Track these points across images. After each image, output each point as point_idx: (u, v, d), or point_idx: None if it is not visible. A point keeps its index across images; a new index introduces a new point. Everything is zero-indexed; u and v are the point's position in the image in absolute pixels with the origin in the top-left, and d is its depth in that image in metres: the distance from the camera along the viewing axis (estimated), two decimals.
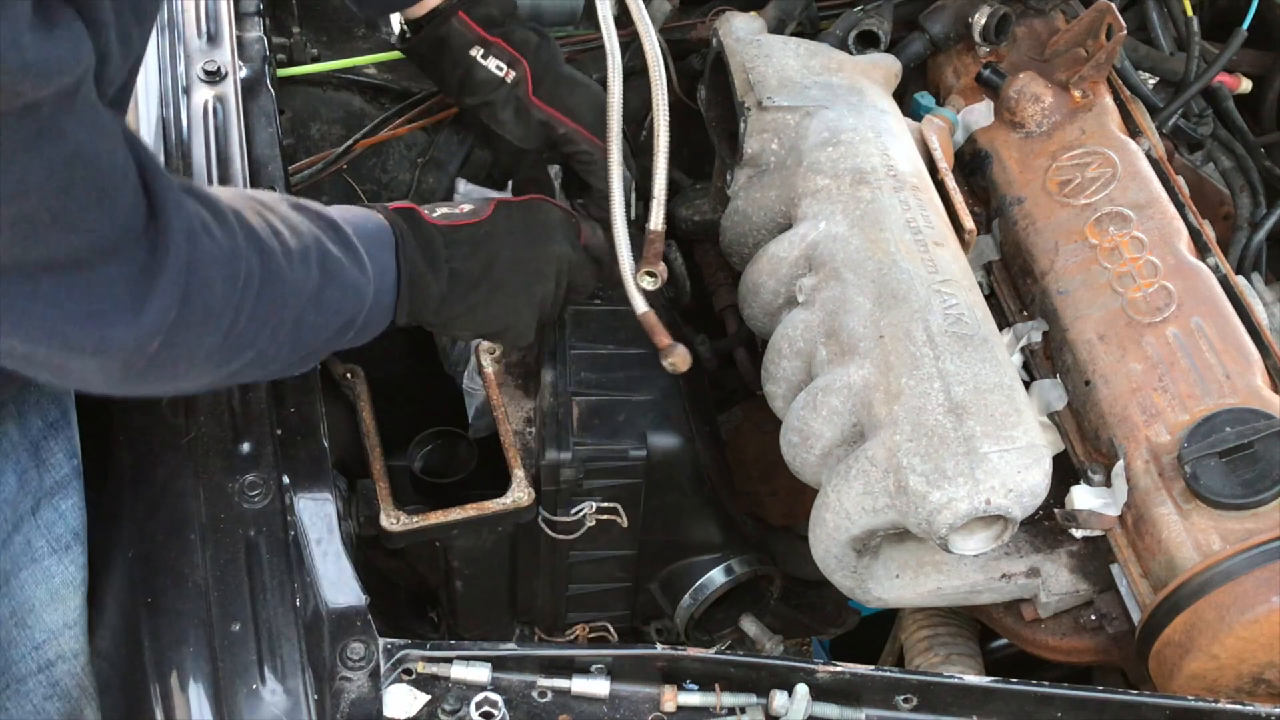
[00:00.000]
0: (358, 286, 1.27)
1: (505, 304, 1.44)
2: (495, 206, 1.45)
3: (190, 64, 1.59)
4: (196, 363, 1.13)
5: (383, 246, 1.33)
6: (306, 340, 1.24)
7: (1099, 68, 1.69)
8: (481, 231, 1.42)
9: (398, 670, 1.20)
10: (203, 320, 1.09)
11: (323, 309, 1.23)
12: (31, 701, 1.34)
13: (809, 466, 1.43)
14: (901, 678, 1.24)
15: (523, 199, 1.50)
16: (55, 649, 1.33)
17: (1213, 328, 1.46)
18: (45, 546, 1.33)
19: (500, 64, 1.62)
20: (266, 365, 1.23)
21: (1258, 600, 1.27)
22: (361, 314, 1.29)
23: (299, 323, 1.20)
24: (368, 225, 1.34)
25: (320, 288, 1.21)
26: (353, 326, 1.29)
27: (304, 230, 1.21)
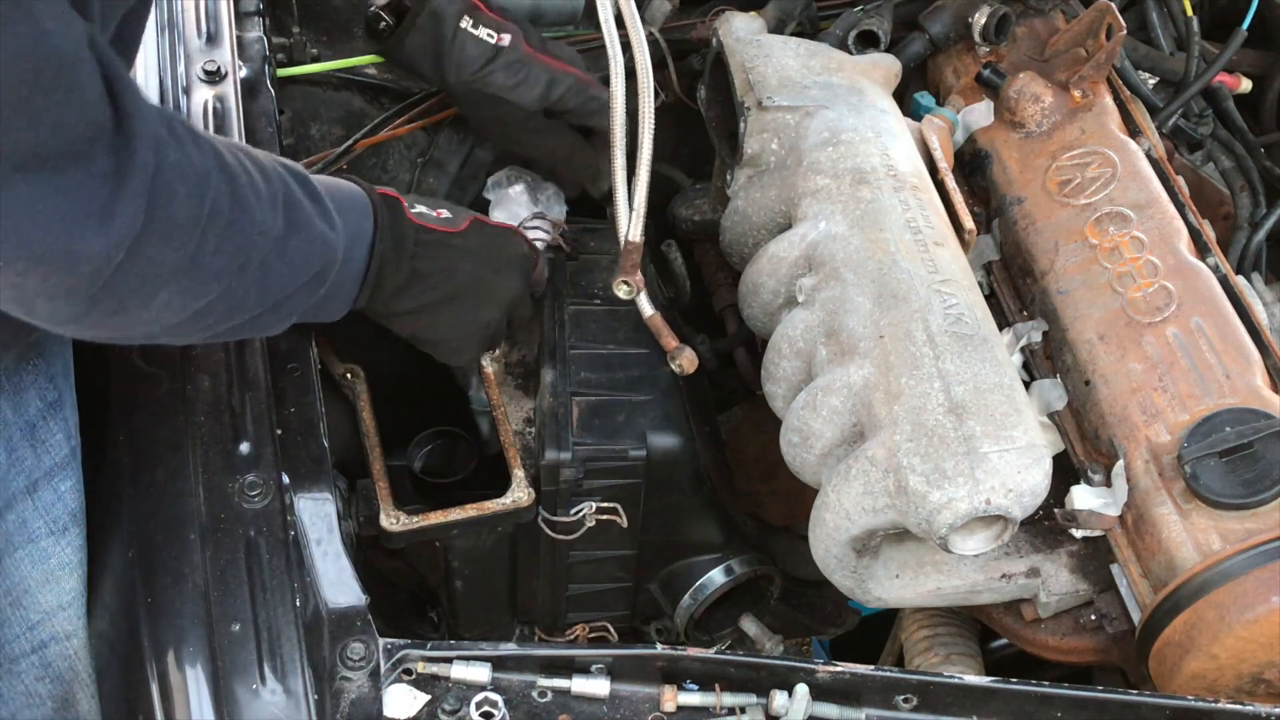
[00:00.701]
0: (326, 239, 1.26)
1: (451, 317, 1.45)
2: (471, 223, 1.47)
3: (190, 64, 1.59)
4: (161, 285, 1.10)
5: (359, 212, 1.34)
6: (273, 287, 1.22)
7: (1099, 68, 1.69)
8: (451, 242, 1.43)
9: (398, 670, 1.20)
10: (166, 234, 1.07)
11: (288, 256, 1.21)
12: (24, 682, 1.35)
13: (809, 466, 1.43)
14: (901, 678, 1.24)
15: (497, 224, 1.53)
16: (49, 630, 1.34)
17: (1213, 328, 1.46)
18: (43, 527, 1.33)
19: (490, 31, 1.62)
20: (234, 310, 1.20)
21: (1258, 600, 1.27)
22: (333, 269, 1.28)
23: (265, 266, 1.19)
24: (344, 189, 1.34)
25: (285, 234, 1.20)
26: (322, 282, 1.28)
27: (272, 175, 1.20)
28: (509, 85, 1.63)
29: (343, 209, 1.30)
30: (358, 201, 1.35)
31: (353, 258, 1.32)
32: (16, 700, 1.35)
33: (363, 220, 1.34)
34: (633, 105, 1.62)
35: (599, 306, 1.67)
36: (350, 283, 1.34)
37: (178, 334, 1.21)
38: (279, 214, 1.19)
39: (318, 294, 1.28)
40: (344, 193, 1.34)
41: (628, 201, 1.57)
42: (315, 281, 1.26)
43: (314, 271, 1.26)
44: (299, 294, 1.26)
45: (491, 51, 1.61)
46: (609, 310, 1.66)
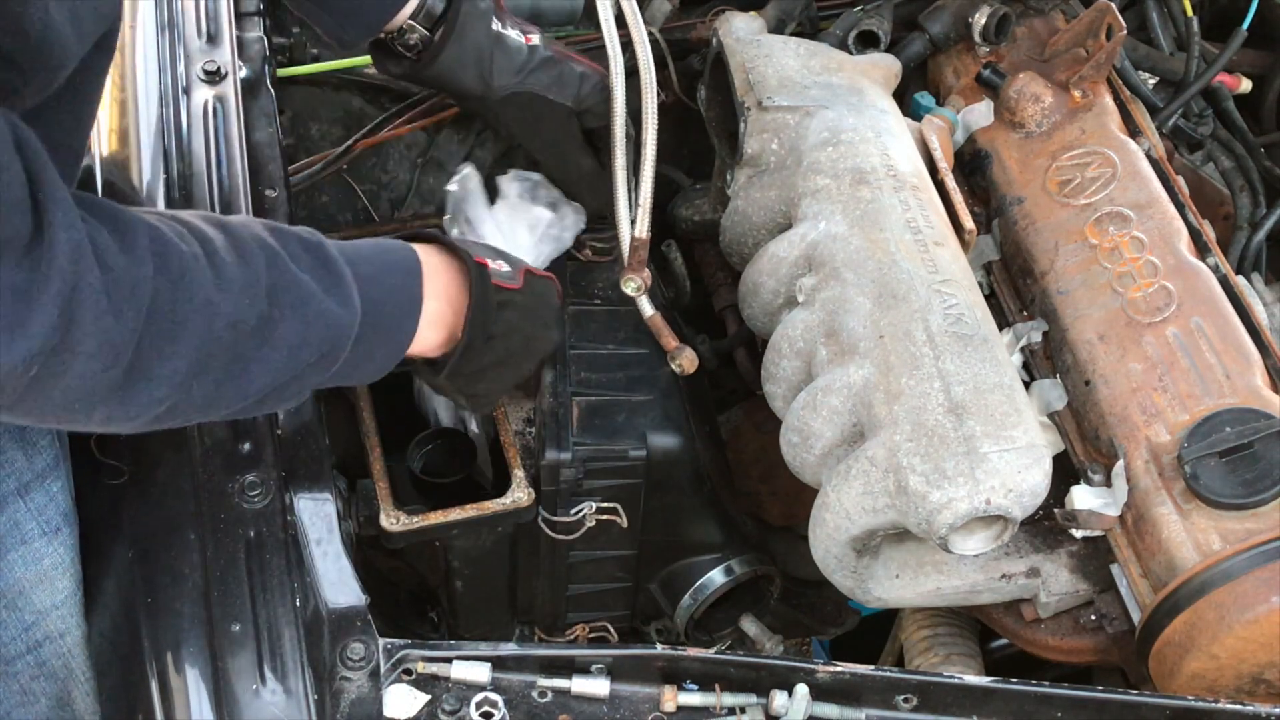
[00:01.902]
0: (329, 318, 1.16)
1: (498, 376, 1.40)
2: (525, 275, 1.40)
3: (190, 64, 1.59)
4: (96, 396, 1.03)
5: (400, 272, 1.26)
6: (260, 376, 1.13)
7: (1099, 68, 1.69)
8: (515, 300, 1.37)
9: (398, 670, 1.20)
10: (91, 352, 0.99)
11: (277, 342, 1.12)
12: (19, 682, 1.35)
13: (809, 466, 1.43)
14: (901, 678, 1.24)
15: (541, 273, 1.45)
16: (43, 630, 1.34)
17: (1213, 328, 1.46)
18: (36, 529, 1.33)
19: (517, 30, 1.56)
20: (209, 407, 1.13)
21: (1258, 600, 1.27)
22: (345, 345, 1.19)
23: (240, 360, 1.10)
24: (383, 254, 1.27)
25: (267, 321, 1.11)
26: (334, 360, 1.19)
27: (253, 254, 1.11)
28: (549, 83, 1.57)
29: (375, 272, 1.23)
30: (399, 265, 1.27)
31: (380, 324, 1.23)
32: (12, 700, 1.35)
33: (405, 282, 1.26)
34: (634, 104, 1.62)
35: (599, 306, 1.67)
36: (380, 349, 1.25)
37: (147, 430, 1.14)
38: (258, 300, 1.10)
39: (331, 368, 1.20)
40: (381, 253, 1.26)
41: (634, 198, 1.57)
42: (326, 359, 1.18)
43: (320, 350, 1.17)
44: (306, 373, 1.17)
45: (527, 51, 1.56)
46: (609, 310, 1.66)
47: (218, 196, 1.47)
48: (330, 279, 1.17)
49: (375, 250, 1.27)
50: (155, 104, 1.55)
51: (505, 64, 1.55)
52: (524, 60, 1.56)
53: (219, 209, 1.45)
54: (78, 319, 0.98)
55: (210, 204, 1.46)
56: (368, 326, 1.20)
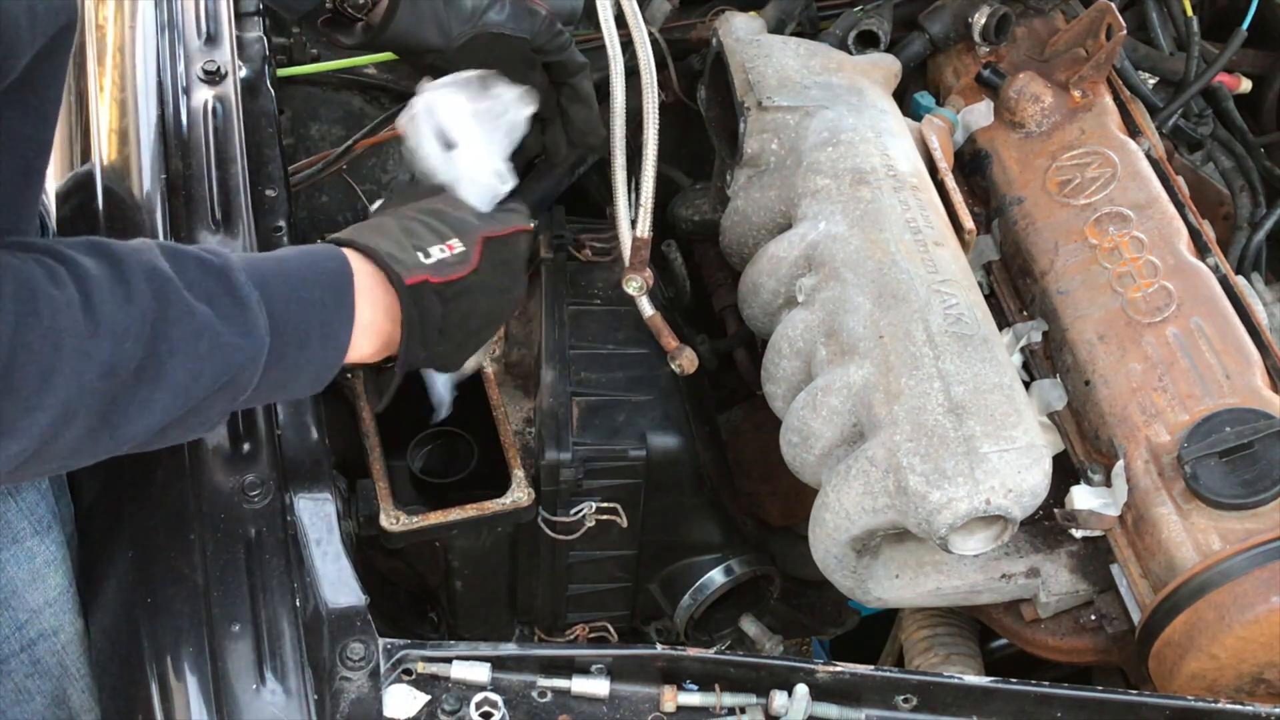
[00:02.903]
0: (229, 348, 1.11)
1: (462, 349, 1.36)
2: (481, 249, 1.32)
3: (190, 64, 1.59)
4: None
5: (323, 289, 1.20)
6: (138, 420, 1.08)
7: (1099, 68, 1.69)
8: (469, 283, 1.30)
9: (398, 670, 1.20)
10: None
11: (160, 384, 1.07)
12: (14, 680, 1.35)
13: (809, 466, 1.43)
14: (901, 678, 1.24)
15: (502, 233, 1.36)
16: (37, 628, 1.34)
17: (1213, 328, 1.46)
18: (28, 528, 1.33)
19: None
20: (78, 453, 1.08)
21: (1257, 600, 1.27)
22: (252, 372, 1.13)
23: (114, 405, 1.05)
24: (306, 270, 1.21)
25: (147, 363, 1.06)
26: (240, 387, 1.13)
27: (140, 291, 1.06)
28: (504, 19, 1.53)
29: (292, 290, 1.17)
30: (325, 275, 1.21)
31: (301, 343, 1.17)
32: (7, 698, 1.36)
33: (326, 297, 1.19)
34: (634, 104, 1.62)
35: (599, 306, 1.67)
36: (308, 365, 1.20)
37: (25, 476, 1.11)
38: (140, 342, 1.05)
39: (242, 394, 1.15)
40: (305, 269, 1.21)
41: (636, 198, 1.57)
42: (231, 387, 1.13)
43: (220, 380, 1.11)
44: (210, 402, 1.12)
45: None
46: (609, 310, 1.66)
47: (218, 196, 1.46)
48: (231, 306, 1.12)
49: (301, 263, 1.21)
50: (155, 104, 1.55)
51: (459, 8, 1.52)
52: (475, 2, 1.53)
53: (219, 209, 1.45)
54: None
55: (210, 204, 1.46)
56: (287, 346, 1.15)
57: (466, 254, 1.30)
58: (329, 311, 1.20)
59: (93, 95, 1.62)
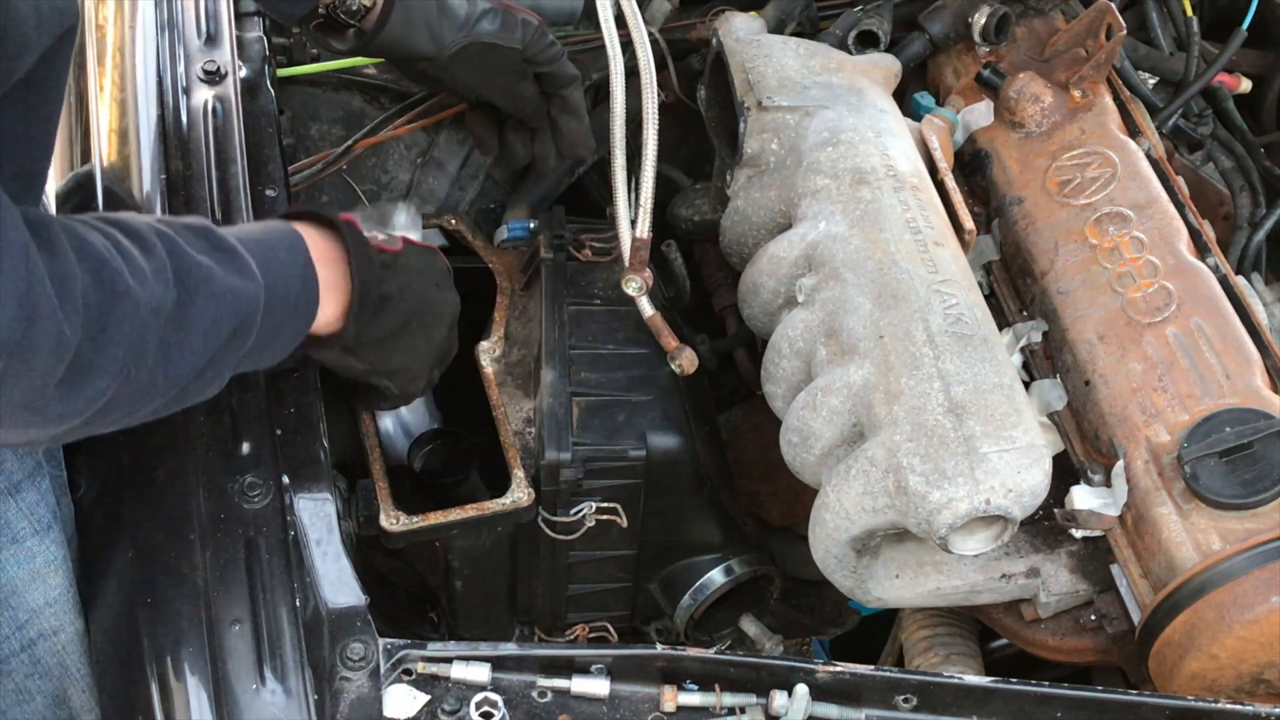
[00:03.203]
0: (237, 292, 1.17)
1: (410, 342, 1.40)
2: (403, 240, 1.42)
3: (190, 64, 1.59)
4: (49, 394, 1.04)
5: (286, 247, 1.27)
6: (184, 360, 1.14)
7: (1099, 68, 1.69)
8: (399, 262, 1.38)
9: (398, 670, 1.20)
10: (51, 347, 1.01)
11: (193, 324, 1.13)
12: (14, 680, 1.35)
13: (809, 466, 1.43)
14: (901, 678, 1.24)
15: (421, 244, 1.47)
16: (37, 627, 1.34)
17: (1213, 328, 1.46)
18: (27, 527, 1.33)
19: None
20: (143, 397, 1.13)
21: (1257, 600, 1.27)
22: (255, 319, 1.19)
23: (165, 345, 1.11)
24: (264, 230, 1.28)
25: (181, 303, 1.12)
26: (247, 333, 1.19)
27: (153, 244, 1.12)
28: (495, 30, 1.57)
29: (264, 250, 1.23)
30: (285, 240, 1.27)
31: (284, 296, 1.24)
32: (8, 698, 1.36)
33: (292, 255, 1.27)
34: (634, 104, 1.62)
35: (599, 306, 1.67)
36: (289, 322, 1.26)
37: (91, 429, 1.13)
38: (169, 285, 1.11)
39: (245, 346, 1.20)
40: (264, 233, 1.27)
41: (635, 198, 1.58)
42: (238, 336, 1.18)
43: (233, 326, 1.17)
44: (223, 354, 1.18)
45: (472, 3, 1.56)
46: (609, 310, 1.66)
47: (218, 196, 1.47)
48: (226, 257, 1.18)
49: (260, 229, 1.28)
50: (155, 104, 1.55)
51: (457, 22, 1.56)
52: (468, 11, 1.56)
53: (219, 209, 1.46)
54: (35, 316, 0.99)
55: (210, 204, 1.46)
56: (273, 299, 1.22)
57: (391, 241, 1.40)
58: (297, 268, 1.26)
59: (93, 95, 1.62)
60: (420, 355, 1.43)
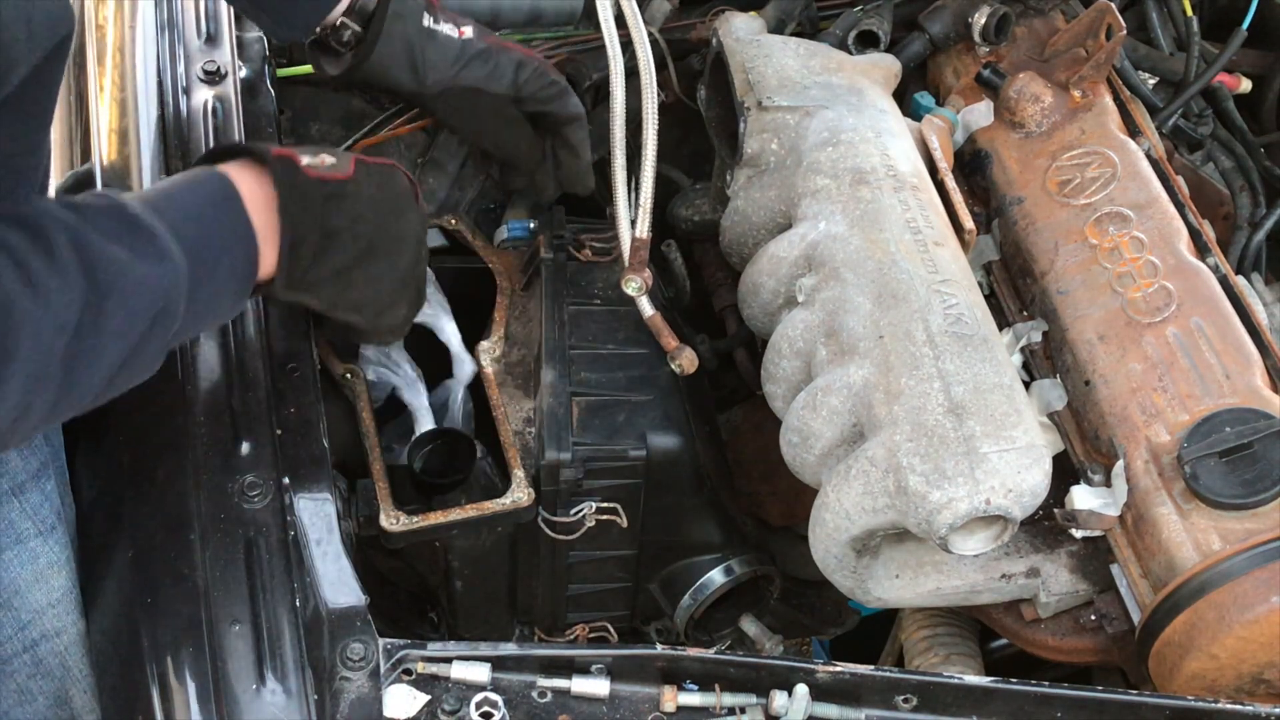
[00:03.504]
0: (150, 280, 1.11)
1: (371, 273, 1.32)
2: (356, 164, 1.32)
3: (190, 64, 1.59)
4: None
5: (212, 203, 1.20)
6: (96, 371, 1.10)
7: (1099, 68, 1.69)
8: (347, 190, 1.29)
9: (398, 670, 1.20)
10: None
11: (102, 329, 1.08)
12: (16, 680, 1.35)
13: (809, 466, 1.43)
14: (901, 678, 1.24)
15: (377, 161, 1.37)
16: (40, 628, 1.34)
17: (1213, 328, 1.46)
18: (31, 528, 1.33)
19: (450, 25, 1.55)
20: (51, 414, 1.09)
21: (1257, 600, 1.27)
22: (179, 297, 1.14)
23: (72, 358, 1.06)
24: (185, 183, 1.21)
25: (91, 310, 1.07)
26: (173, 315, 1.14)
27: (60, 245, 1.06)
28: (483, 75, 1.57)
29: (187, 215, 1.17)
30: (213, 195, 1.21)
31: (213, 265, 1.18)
32: (10, 698, 1.36)
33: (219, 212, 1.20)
34: (634, 104, 1.62)
35: (599, 306, 1.67)
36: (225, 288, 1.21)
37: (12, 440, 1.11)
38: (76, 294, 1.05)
39: (172, 327, 1.15)
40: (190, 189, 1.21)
41: (635, 198, 1.58)
42: (160, 322, 1.13)
43: (150, 316, 1.12)
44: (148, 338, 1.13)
45: (460, 45, 1.55)
46: (609, 310, 1.66)
47: None
48: (140, 239, 1.12)
49: (184, 187, 1.21)
50: (155, 104, 1.55)
51: (437, 59, 1.55)
52: (456, 54, 1.55)
53: None
54: None
55: None
56: (202, 269, 1.16)
57: (340, 165, 1.30)
58: (228, 224, 1.20)
59: (93, 95, 1.62)
60: (386, 285, 1.34)
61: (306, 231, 1.25)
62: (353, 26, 1.52)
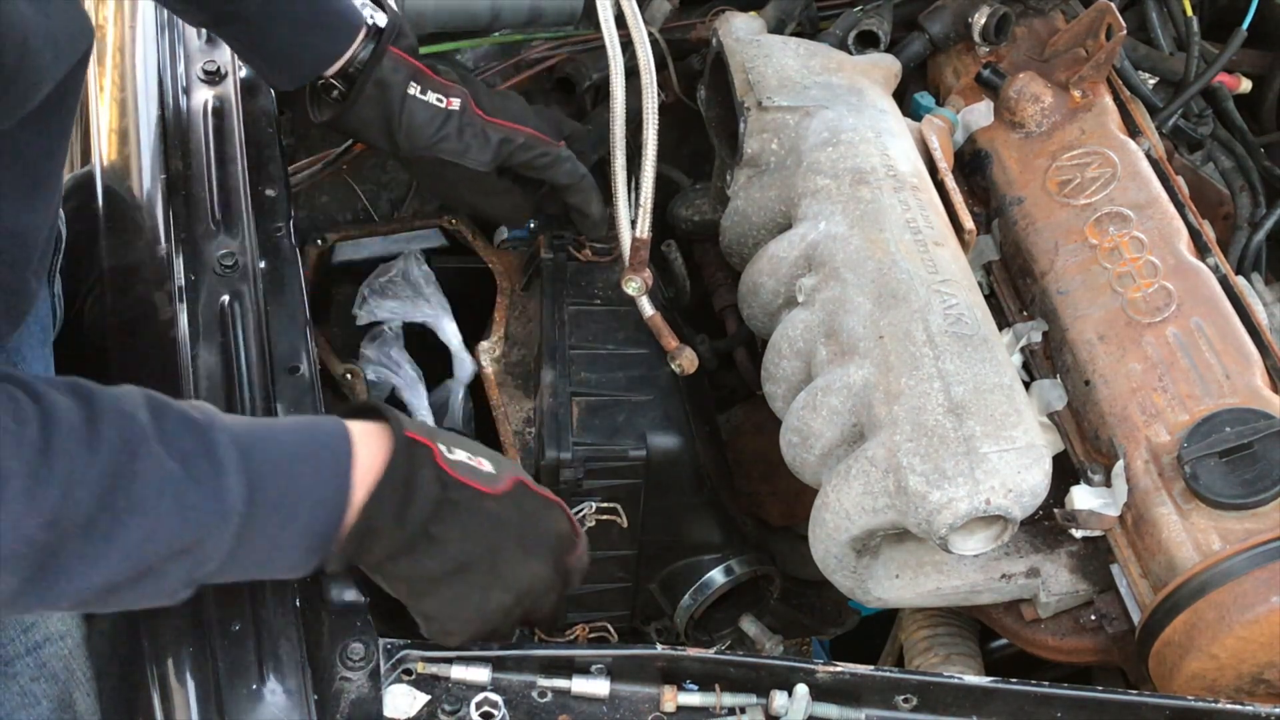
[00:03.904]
0: (189, 512, 1.04)
1: (452, 593, 1.19)
2: (515, 484, 1.23)
3: (190, 64, 1.59)
4: None
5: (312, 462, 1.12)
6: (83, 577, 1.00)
7: (1099, 68, 1.69)
8: (484, 505, 1.19)
9: (398, 670, 1.20)
10: None
11: (112, 538, 1.00)
12: (19, 683, 1.35)
13: (809, 466, 1.43)
14: (901, 678, 1.24)
15: (543, 492, 1.27)
16: (43, 631, 1.34)
17: (1213, 328, 1.46)
18: None
19: (439, 96, 1.54)
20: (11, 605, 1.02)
21: (1257, 600, 1.27)
22: (217, 541, 1.06)
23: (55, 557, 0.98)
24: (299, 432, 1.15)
25: (103, 513, 0.99)
26: (201, 556, 1.06)
27: (107, 438, 1.00)
28: (460, 150, 1.56)
29: (274, 459, 1.10)
30: (319, 440, 1.13)
31: (286, 515, 1.09)
32: (13, 702, 1.35)
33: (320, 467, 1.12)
34: (634, 104, 1.62)
35: (599, 306, 1.67)
36: (300, 538, 1.11)
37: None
38: (92, 493, 0.98)
39: (210, 564, 1.07)
40: (295, 434, 1.14)
41: (635, 198, 1.58)
42: (192, 554, 1.05)
43: (180, 547, 1.04)
44: (166, 568, 1.05)
45: (442, 117, 1.54)
46: (609, 310, 1.66)
47: (218, 196, 1.46)
48: (205, 466, 1.05)
49: (295, 432, 1.15)
50: (155, 104, 1.55)
51: (415, 129, 1.54)
52: (438, 125, 1.54)
53: (219, 209, 1.45)
54: None
55: (210, 204, 1.46)
56: (267, 519, 1.08)
57: (495, 477, 1.21)
58: (321, 483, 1.12)
59: (93, 95, 1.62)
60: (461, 613, 1.20)
61: (391, 525, 1.14)
62: (337, 86, 1.54)
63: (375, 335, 1.74)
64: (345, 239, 1.82)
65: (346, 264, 1.82)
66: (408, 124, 1.54)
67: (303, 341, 1.40)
